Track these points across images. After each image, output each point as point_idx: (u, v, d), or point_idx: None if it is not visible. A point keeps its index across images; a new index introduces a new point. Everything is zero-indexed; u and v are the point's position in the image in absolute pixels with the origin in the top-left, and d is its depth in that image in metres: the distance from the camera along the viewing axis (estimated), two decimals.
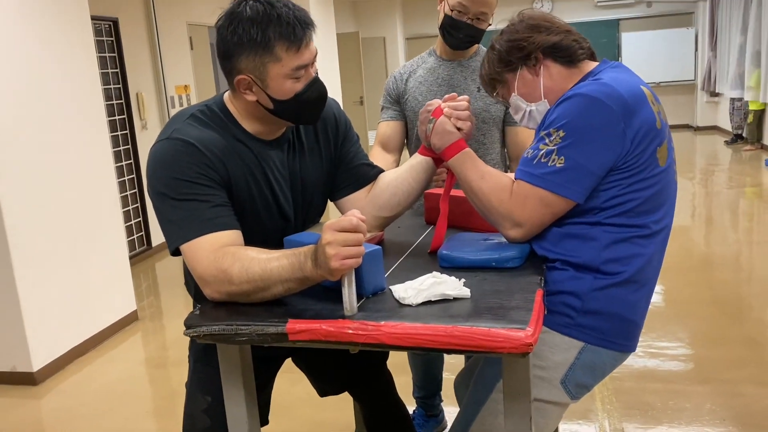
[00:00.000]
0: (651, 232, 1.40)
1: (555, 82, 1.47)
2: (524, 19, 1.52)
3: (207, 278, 1.29)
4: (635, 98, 1.35)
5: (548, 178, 1.34)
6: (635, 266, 1.39)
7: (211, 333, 1.21)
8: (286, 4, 1.35)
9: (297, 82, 1.37)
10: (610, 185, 1.35)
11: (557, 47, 1.46)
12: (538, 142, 1.37)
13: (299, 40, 1.33)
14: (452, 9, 2.12)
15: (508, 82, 1.53)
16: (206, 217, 1.32)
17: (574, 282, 1.38)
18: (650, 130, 1.35)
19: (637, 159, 1.34)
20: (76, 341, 3.65)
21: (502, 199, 1.39)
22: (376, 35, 11.93)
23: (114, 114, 5.36)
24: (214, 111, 1.45)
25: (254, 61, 1.34)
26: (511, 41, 1.49)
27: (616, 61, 1.61)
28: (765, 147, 8.68)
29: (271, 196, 1.48)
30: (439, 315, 1.15)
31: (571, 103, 1.34)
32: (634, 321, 1.44)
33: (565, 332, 1.40)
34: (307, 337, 1.16)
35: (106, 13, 5.23)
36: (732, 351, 3.23)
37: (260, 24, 1.31)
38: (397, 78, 2.34)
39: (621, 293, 1.39)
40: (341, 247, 1.14)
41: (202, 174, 1.35)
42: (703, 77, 10.80)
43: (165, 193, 1.34)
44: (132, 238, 5.56)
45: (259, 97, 1.39)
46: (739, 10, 9.18)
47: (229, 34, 1.34)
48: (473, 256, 1.40)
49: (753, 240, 5.18)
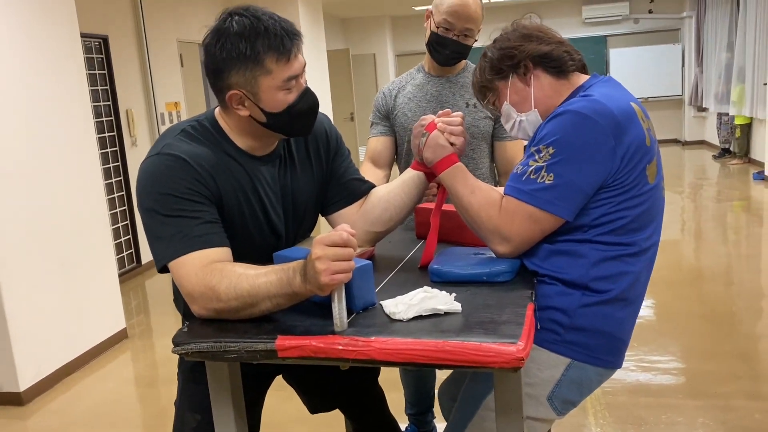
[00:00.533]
0: (639, 250, 1.40)
1: (545, 92, 1.48)
2: (517, 28, 1.52)
3: (194, 295, 1.27)
4: (625, 115, 1.35)
5: (537, 195, 1.33)
6: (624, 284, 1.39)
7: (199, 350, 1.19)
8: (271, 16, 1.35)
9: (289, 94, 1.37)
10: (600, 203, 1.35)
11: (547, 57, 1.46)
12: (528, 158, 1.37)
13: (288, 51, 1.33)
14: (438, 26, 2.14)
15: (499, 90, 1.53)
16: (194, 234, 1.31)
17: (562, 298, 1.38)
18: (640, 148, 1.35)
19: (627, 177, 1.34)
20: (64, 360, 3.61)
21: (491, 215, 1.39)
22: (366, 52, 12.01)
23: (104, 131, 5.35)
24: (205, 126, 1.45)
25: (245, 75, 1.34)
26: (502, 49, 1.50)
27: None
28: (752, 161, 8.76)
29: (261, 212, 1.47)
30: (430, 330, 1.14)
31: (562, 119, 1.34)
32: (621, 338, 1.44)
33: (552, 348, 1.40)
34: (296, 354, 1.14)
35: (96, 31, 5.24)
36: (724, 365, 3.23)
37: (248, 38, 1.31)
38: (386, 94, 2.35)
39: (609, 310, 1.39)
40: (331, 262, 1.13)
41: (193, 190, 1.34)
42: (690, 92, 10.92)
43: (154, 209, 1.33)
44: (121, 256, 5.52)
45: (251, 112, 1.39)
46: (724, 26, 9.31)
47: (218, 50, 1.33)
48: (464, 271, 1.40)
49: (742, 253, 5.21)
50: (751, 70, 8.24)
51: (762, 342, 3.48)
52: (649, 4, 11.26)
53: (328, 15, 10.48)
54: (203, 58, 1.39)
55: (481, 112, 2.24)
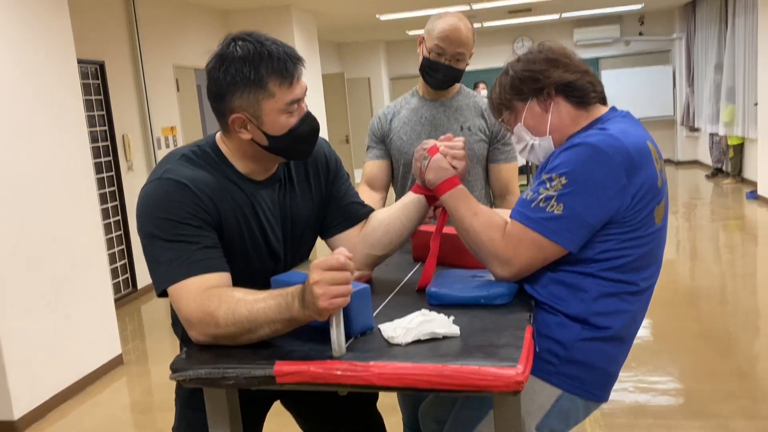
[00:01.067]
0: (639, 290, 1.41)
1: (562, 120, 1.47)
2: (544, 50, 1.50)
3: (193, 321, 1.27)
4: (640, 154, 1.35)
5: (544, 224, 1.33)
6: (621, 322, 1.39)
7: (197, 377, 1.19)
8: (274, 41, 1.37)
9: (291, 117, 1.39)
10: (606, 238, 1.35)
11: (571, 86, 1.45)
12: (539, 186, 1.36)
13: (291, 74, 1.36)
14: (430, 51, 2.17)
15: (517, 111, 1.52)
16: (194, 259, 1.31)
17: (561, 330, 1.38)
18: (651, 189, 1.35)
19: (636, 216, 1.34)
20: (60, 387, 3.58)
21: (494, 238, 1.38)
22: (361, 76, 12.11)
23: (100, 156, 5.36)
24: (206, 151, 1.46)
25: (248, 99, 1.35)
26: (526, 71, 1.48)
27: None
28: (745, 180, 8.82)
29: (261, 236, 1.48)
30: (428, 354, 1.14)
31: (577, 151, 1.33)
32: (612, 373, 1.45)
33: (546, 378, 1.40)
34: (294, 380, 1.14)
35: (93, 57, 5.27)
36: (722, 384, 3.23)
37: (252, 62, 1.33)
38: (382, 118, 2.37)
39: (605, 347, 1.39)
40: (329, 287, 1.13)
41: (193, 214, 1.34)
42: (682, 113, 11.02)
43: (155, 234, 1.33)
44: (117, 281, 5.49)
45: (254, 135, 1.40)
46: (713, 48, 9.43)
47: (222, 74, 1.35)
48: (462, 294, 1.40)
49: (737, 272, 5.22)
50: (741, 91, 8.34)
51: (759, 361, 3.48)
52: (640, 26, 11.41)
53: (324, 40, 10.58)
54: (207, 82, 1.41)
55: (476, 135, 2.26)
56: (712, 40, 9.48)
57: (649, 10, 11.09)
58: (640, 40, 11.44)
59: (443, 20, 2.15)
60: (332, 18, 8.71)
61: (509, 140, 2.32)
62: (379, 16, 9.00)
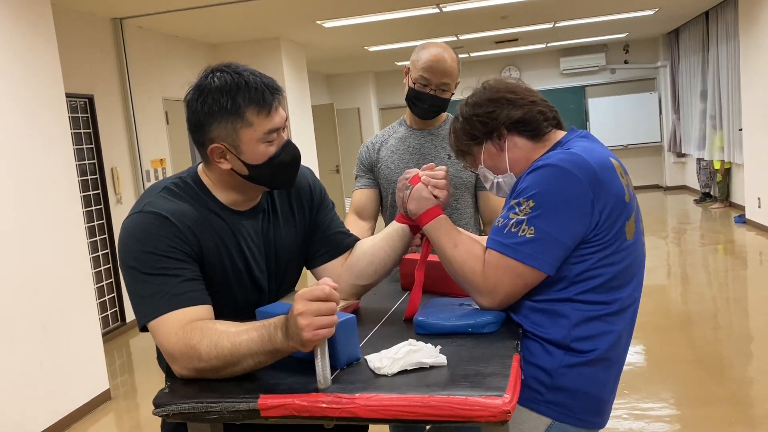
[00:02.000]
0: (621, 308, 1.39)
1: (521, 155, 1.48)
2: (487, 89, 1.51)
3: (175, 355, 1.25)
4: (605, 170, 1.35)
5: (518, 249, 1.33)
6: (606, 344, 1.38)
7: (180, 411, 1.17)
8: (252, 72, 1.37)
9: (270, 146, 1.39)
10: (582, 258, 1.34)
11: (521, 122, 1.46)
12: (509, 211, 1.37)
13: (269, 104, 1.36)
14: (415, 82, 2.19)
15: (474, 155, 1.54)
16: (175, 293, 1.29)
17: (545, 357, 1.37)
18: (619, 203, 1.35)
19: (607, 233, 1.34)
20: (45, 424, 3.50)
21: (475, 269, 1.38)
22: (351, 106, 12.20)
23: (89, 189, 5.34)
24: (187, 183, 1.45)
25: (226, 128, 1.35)
26: (474, 115, 1.49)
27: (583, 127, 1.63)
28: (733, 204, 8.89)
29: (244, 268, 1.47)
30: (415, 384, 1.13)
31: (542, 172, 1.34)
32: (603, 398, 1.42)
33: (534, 408, 1.37)
34: (279, 413, 1.12)
35: (82, 90, 5.29)
36: (717, 410, 3.20)
37: (229, 92, 1.34)
38: (370, 147, 2.38)
39: (591, 372, 1.37)
40: (314, 317, 1.12)
41: (174, 248, 1.33)
42: (669, 139, 11.14)
43: (135, 267, 1.32)
44: (106, 314, 5.43)
45: (233, 164, 1.40)
46: (697, 75, 9.58)
47: (199, 105, 1.36)
48: (449, 322, 1.39)
49: (729, 296, 5.23)
50: (726, 117, 8.45)
51: (753, 386, 3.46)
52: (625, 54, 11.59)
53: (313, 71, 10.68)
54: (186, 113, 1.41)
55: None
56: (695, 67, 9.64)
57: (634, 38, 11.29)
58: (625, 68, 11.62)
59: (427, 51, 2.17)
60: (321, 50, 8.80)
61: None
62: (368, 48, 9.11)
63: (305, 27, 7.04)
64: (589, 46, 11.53)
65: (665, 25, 10.03)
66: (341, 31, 7.49)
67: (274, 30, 7.08)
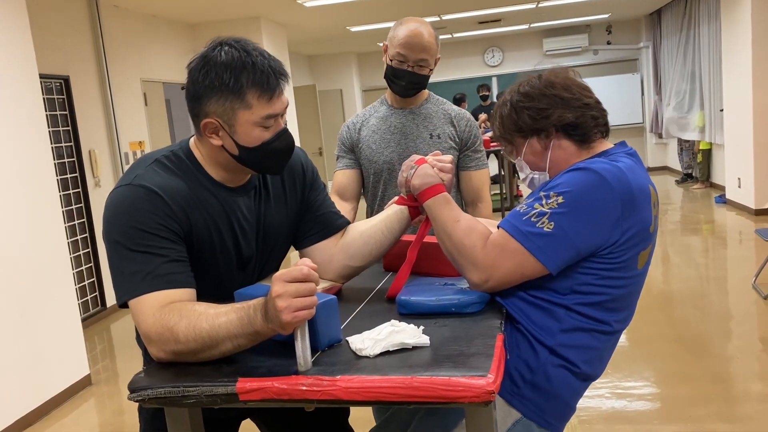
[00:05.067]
0: (611, 330, 1.39)
1: (564, 157, 1.44)
2: (542, 82, 1.46)
3: (152, 336, 1.22)
4: (642, 194, 1.33)
5: (531, 238, 1.30)
6: (586, 357, 1.37)
7: (156, 396, 1.13)
8: (261, 53, 1.33)
9: (266, 131, 1.35)
10: (587, 271, 1.32)
11: (572, 125, 1.42)
12: (535, 201, 1.33)
13: (272, 89, 1.31)
14: (392, 59, 2.15)
15: (517, 146, 1.50)
16: (158, 273, 1.26)
17: (530, 353, 1.35)
18: (642, 231, 1.33)
19: (621, 254, 1.31)
20: (23, 411, 3.45)
21: (475, 244, 1.34)
22: (333, 88, 12.09)
23: (66, 172, 5.24)
24: (179, 157, 1.41)
25: (224, 105, 1.31)
26: (525, 108, 1.44)
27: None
28: (713, 185, 8.96)
29: (233, 246, 1.44)
30: (397, 366, 1.10)
31: (581, 174, 1.31)
32: (571, 406, 1.42)
33: (507, 399, 1.36)
34: (258, 396, 1.09)
35: (57, 71, 5.17)
36: (697, 388, 3.23)
37: (234, 70, 1.29)
38: (351, 127, 2.34)
39: (568, 378, 1.37)
40: (292, 299, 1.08)
41: (162, 225, 1.29)
42: (651, 120, 11.19)
43: (120, 242, 1.27)
44: (86, 299, 5.36)
45: (224, 142, 1.36)
46: (679, 56, 9.59)
47: (201, 76, 1.31)
48: (432, 302, 1.36)
49: (710, 275, 5.28)
50: (708, 98, 8.49)
51: (733, 364, 3.50)
52: (607, 35, 11.59)
53: (294, 52, 10.55)
54: (186, 81, 1.36)
55: (446, 142, 2.24)
56: (677, 48, 9.66)
57: (616, 19, 11.27)
58: (608, 49, 11.62)
59: (405, 26, 2.13)
60: (302, 30, 8.69)
61: (479, 147, 2.30)
62: (350, 28, 9.01)
63: (286, 6, 6.93)
64: (572, 26, 11.50)
65: (647, 6, 10.02)
66: (323, 11, 7.39)
67: (254, 9, 6.96)
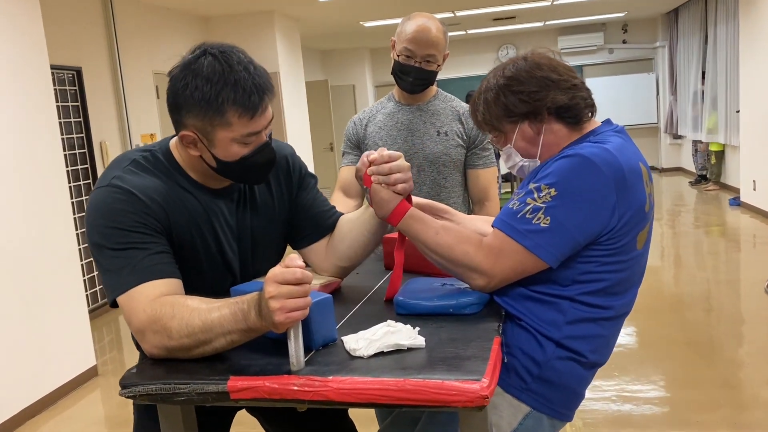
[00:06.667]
0: (615, 315, 1.36)
1: (554, 141, 1.39)
2: (528, 64, 1.38)
3: (145, 332, 1.20)
4: (633, 174, 1.29)
5: (530, 236, 1.26)
6: (594, 346, 1.34)
7: (147, 393, 1.12)
8: (246, 67, 1.27)
9: (245, 147, 1.31)
10: (587, 259, 1.29)
11: (565, 108, 1.36)
12: (526, 195, 1.29)
13: (254, 108, 1.26)
14: (399, 54, 2.12)
15: (506, 133, 1.42)
16: (144, 265, 1.24)
17: (536, 348, 1.32)
18: (638, 212, 1.30)
19: (619, 239, 1.28)
20: (29, 401, 3.47)
21: (468, 251, 1.30)
22: (346, 83, 12.06)
23: (77, 164, 5.26)
24: (157, 158, 1.38)
25: (203, 120, 1.27)
26: (517, 93, 1.36)
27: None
28: (726, 186, 8.86)
29: (216, 248, 1.41)
30: (391, 367, 1.08)
31: (569, 162, 1.26)
32: (580, 393, 1.40)
33: (516, 395, 1.34)
34: (249, 395, 1.08)
35: (69, 63, 5.19)
36: (706, 393, 3.19)
37: (215, 85, 1.24)
38: (357, 123, 2.32)
39: (576, 369, 1.34)
40: (286, 300, 1.06)
41: (141, 223, 1.28)
42: (666, 120, 11.07)
43: (102, 244, 1.26)
44: (94, 290, 5.39)
45: (203, 154, 1.33)
46: (695, 56, 9.48)
47: (182, 87, 1.27)
48: (430, 303, 1.34)
49: (721, 279, 5.21)
50: (723, 98, 8.38)
51: (743, 369, 3.44)
52: (623, 34, 11.47)
53: (307, 47, 10.54)
54: (167, 86, 1.33)
55: (453, 140, 2.21)
56: (694, 48, 9.54)
57: (632, 18, 11.15)
58: (623, 48, 11.50)
59: (412, 21, 2.10)
60: (316, 25, 8.67)
61: (487, 145, 2.27)
62: (363, 23, 8.98)
63: (300, 0, 6.92)
64: (588, 25, 11.39)
65: (665, 5, 9.90)
66: (336, 5, 7.36)
67: (268, 3, 6.95)
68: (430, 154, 2.19)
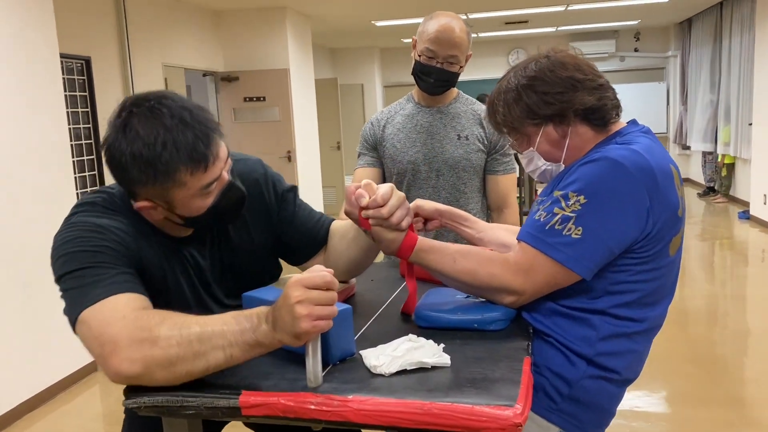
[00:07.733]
0: (649, 328, 1.29)
1: (580, 144, 1.31)
2: (552, 63, 1.30)
3: (121, 342, 1.01)
4: (665, 176, 1.21)
5: (563, 250, 1.18)
6: (627, 362, 1.28)
7: (154, 404, 1.05)
8: (180, 117, 1.15)
9: (208, 197, 1.21)
10: (619, 269, 1.22)
11: (592, 110, 1.29)
12: (553, 205, 1.21)
13: (205, 158, 1.15)
14: (421, 54, 2.06)
15: (529, 136, 1.34)
16: (116, 281, 1.11)
17: (567, 367, 1.26)
18: (672, 217, 1.22)
19: (653, 246, 1.21)
20: (26, 395, 3.41)
21: (494, 272, 1.23)
22: (355, 82, 11.99)
23: (83, 154, 5.20)
24: (115, 202, 1.26)
25: (154, 187, 1.16)
26: (541, 93, 1.29)
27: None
28: (734, 199, 8.78)
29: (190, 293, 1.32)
30: (415, 387, 1.01)
31: (598, 166, 1.19)
32: (612, 411, 1.34)
33: (545, 416, 1.27)
34: (262, 412, 1.01)
35: (78, 52, 5.12)
36: (715, 411, 3.12)
37: (154, 148, 1.12)
38: (375, 124, 2.25)
39: (608, 387, 1.28)
40: (314, 306, 0.98)
41: (109, 247, 1.16)
42: (675, 130, 10.99)
43: (67, 271, 1.13)
44: None
45: (166, 215, 1.23)
46: (707, 66, 9.40)
47: (122, 160, 1.15)
48: (454, 316, 1.27)
49: (727, 294, 5.14)
50: (735, 111, 8.30)
51: (752, 386, 3.37)
52: (635, 42, 11.39)
53: (318, 45, 10.47)
54: (106, 154, 1.18)
55: (473, 144, 2.15)
56: (706, 59, 9.46)
57: (645, 26, 11.08)
58: (635, 56, 11.42)
59: (435, 21, 2.04)
60: (327, 22, 8.60)
61: (508, 150, 2.20)
62: (375, 22, 8.91)
63: None
64: (600, 32, 11.31)
65: (678, 14, 9.82)
66: (349, 3, 7.29)
67: None
68: (450, 159, 2.12)
